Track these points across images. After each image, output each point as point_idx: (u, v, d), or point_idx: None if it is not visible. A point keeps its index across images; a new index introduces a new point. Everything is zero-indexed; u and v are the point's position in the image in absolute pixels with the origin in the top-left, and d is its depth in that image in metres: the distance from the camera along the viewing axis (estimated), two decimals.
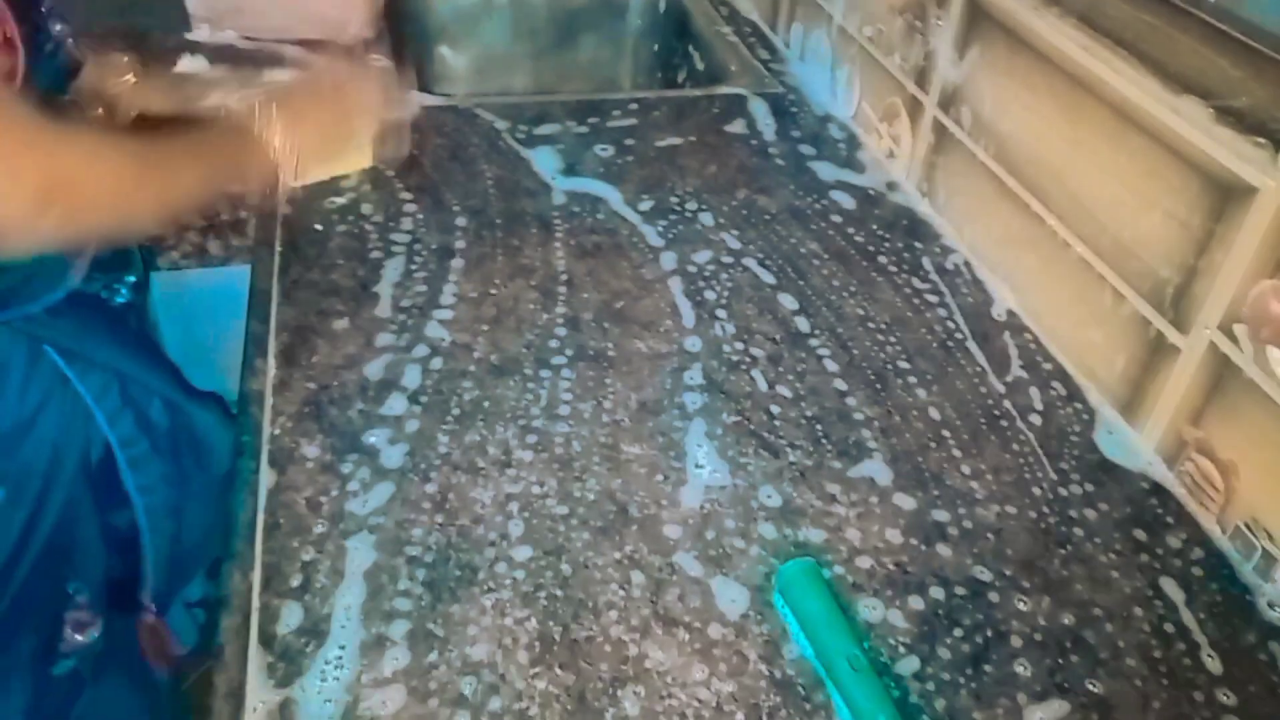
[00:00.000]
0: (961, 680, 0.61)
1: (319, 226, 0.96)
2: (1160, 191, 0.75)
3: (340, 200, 1.00)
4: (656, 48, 1.59)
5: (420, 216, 0.99)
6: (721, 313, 0.90)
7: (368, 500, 0.69)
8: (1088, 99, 0.81)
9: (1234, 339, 0.70)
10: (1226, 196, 0.69)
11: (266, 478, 0.70)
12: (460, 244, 0.95)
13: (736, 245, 0.99)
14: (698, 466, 0.74)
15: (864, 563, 0.68)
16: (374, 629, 0.61)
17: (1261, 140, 0.66)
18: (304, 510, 0.68)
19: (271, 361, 0.80)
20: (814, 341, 0.87)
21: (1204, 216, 0.72)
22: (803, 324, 0.89)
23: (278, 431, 0.74)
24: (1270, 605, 0.68)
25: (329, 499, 0.69)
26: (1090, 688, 0.61)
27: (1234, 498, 0.71)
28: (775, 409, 0.80)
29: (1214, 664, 0.63)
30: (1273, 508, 0.69)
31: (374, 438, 0.74)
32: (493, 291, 0.89)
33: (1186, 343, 0.74)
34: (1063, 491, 0.74)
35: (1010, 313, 0.92)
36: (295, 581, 0.63)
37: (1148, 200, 0.77)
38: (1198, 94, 0.71)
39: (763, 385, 0.82)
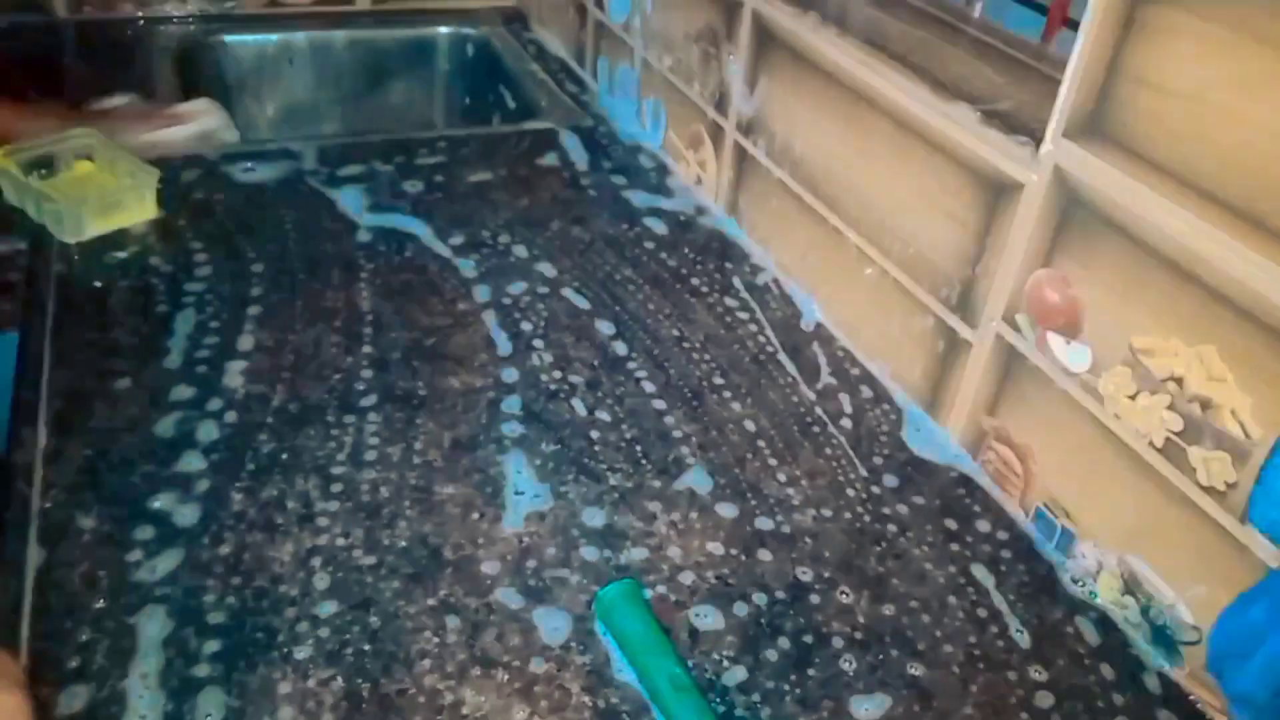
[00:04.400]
0: (786, 686, 0.60)
1: (99, 284, 0.89)
2: (941, 195, 0.79)
3: (123, 254, 0.93)
4: (467, 89, 1.57)
5: (213, 265, 0.93)
6: (538, 342, 0.88)
7: (154, 569, 0.63)
8: (870, 112, 0.85)
9: (1017, 329, 0.73)
10: (998, 194, 0.73)
11: (34, 556, 0.63)
12: (257, 290, 0.90)
13: (552, 275, 0.98)
14: (517, 493, 0.72)
15: (687, 578, 0.67)
16: (172, 703, 0.55)
17: (1024, 139, 0.70)
18: (79, 588, 0.62)
19: (42, 430, 0.73)
20: (631, 365, 0.87)
21: (980, 215, 0.75)
22: (620, 348, 0.88)
23: (49, 505, 0.67)
24: (1073, 580, 0.71)
25: (108, 572, 0.63)
26: (911, 677, 0.62)
27: (1033, 480, 0.74)
28: (595, 434, 0.78)
29: (1025, 641, 0.65)
30: (1067, 486, 0.72)
31: (160, 502, 0.68)
32: (292, 337, 0.85)
33: (976, 336, 0.77)
34: (875, 490, 0.76)
35: (818, 324, 0.94)
36: (72, 664, 0.57)
37: (931, 205, 0.80)
38: (966, 100, 0.75)
39: (582, 411, 0.81)
